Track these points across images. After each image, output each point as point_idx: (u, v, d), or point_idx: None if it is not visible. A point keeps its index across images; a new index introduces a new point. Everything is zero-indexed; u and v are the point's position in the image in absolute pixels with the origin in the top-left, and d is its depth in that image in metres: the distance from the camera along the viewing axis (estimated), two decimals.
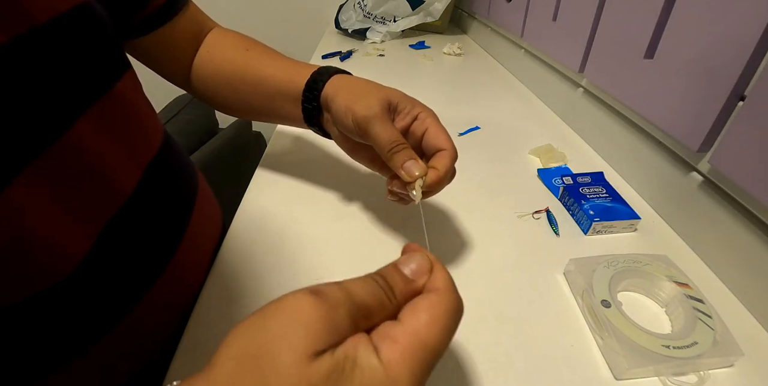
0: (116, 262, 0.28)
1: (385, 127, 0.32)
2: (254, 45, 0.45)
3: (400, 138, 0.32)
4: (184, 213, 0.37)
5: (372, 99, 0.33)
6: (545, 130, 0.64)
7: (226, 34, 0.46)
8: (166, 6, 0.40)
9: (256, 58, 0.43)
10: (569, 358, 0.30)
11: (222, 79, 0.44)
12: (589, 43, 0.56)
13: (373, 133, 0.32)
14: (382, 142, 0.32)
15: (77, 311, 0.26)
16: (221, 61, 0.44)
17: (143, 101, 0.34)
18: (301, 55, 1.28)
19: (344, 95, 0.35)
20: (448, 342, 0.18)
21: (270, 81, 0.41)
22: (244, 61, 0.43)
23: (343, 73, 0.39)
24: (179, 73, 0.45)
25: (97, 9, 0.29)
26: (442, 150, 0.32)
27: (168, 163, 0.36)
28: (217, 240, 0.41)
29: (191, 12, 0.43)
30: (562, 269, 0.37)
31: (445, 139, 0.33)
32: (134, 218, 0.30)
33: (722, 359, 0.29)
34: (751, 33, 0.32)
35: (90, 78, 0.27)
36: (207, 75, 0.44)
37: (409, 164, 0.31)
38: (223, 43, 0.45)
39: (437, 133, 0.33)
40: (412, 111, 0.34)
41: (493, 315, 0.33)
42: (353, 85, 0.36)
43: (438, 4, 1.11)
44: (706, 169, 0.38)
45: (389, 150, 0.31)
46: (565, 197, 0.46)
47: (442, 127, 0.34)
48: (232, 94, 0.44)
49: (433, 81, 0.87)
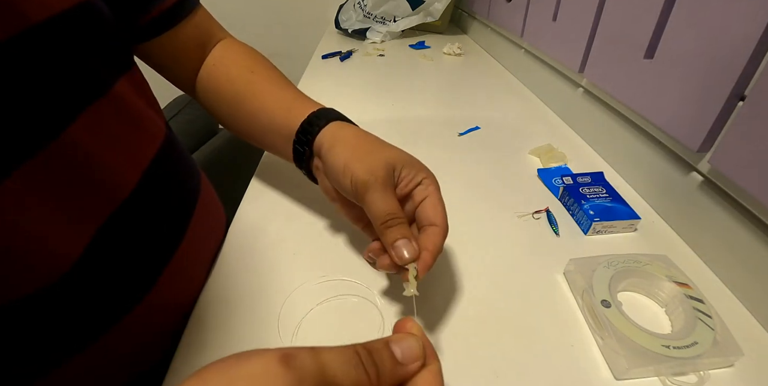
0: (113, 262, 0.28)
1: (384, 197, 0.29)
2: (260, 67, 0.44)
3: (399, 211, 0.29)
4: (185, 214, 0.37)
5: (375, 161, 0.30)
6: (545, 130, 0.64)
7: (235, 49, 0.45)
8: (169, 12, 0.39)
9: (259, 84, 0.42)
10: (569, 358, 0.30)
11: (222, 98, 0.43)
12: (589, 43, 0.56)
13: (370, 200, 0.29)
14: (378, 213, 0.28)
15: (74, 311, 0.26)
16: (225, 79, 0.43)
17: (145, 101, 0.34)
18: (301, 55, 1.28)
19: (343, 150, 0.32)
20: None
21: (267, 113, 0.40)
22: (246, 84, 0.42)
23: (342, 120, 0.36)
24: (184, 79, 0.44)
25: (99, 8, 0.29)
26: (435, 226, 0.29)
27: (169, 163, 0.36)
28: (219, 241, 0.41)
29: (198, 20, 0.43)
30: (562, 269, 0.37)
31: (441, 213, 0.30)
32: (132, 218, 0.29)
33: (722, 359, 0.29)
34: (751, 33, 0.32)
35: (88, 77, 0.27)
36: (209, 89, 0.44)
37: (402, 244, 0.28)
38: (230, 58, 0.44)
39: (435, 206, 0.30)
40: (416, 177, 0.31)
41: (493, 315, 0.33)
42: (354, 139, 0.33)
43: (438, 4, 1.11)
44: (706, 169, 0.38)
45: (383, 222, 0.28)
46: (565, 197, 0.46)
47: (441, 198, 0.31)
48: (230, 115, 0.43)
49: (433, 81, 0.87)
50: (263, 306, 0.34)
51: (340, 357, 0.16)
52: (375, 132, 0.35)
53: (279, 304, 0.34)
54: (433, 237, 0.29)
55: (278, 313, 0.33)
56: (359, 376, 0.16)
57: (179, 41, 0.41)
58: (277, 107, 0.39)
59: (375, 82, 0.85)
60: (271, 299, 0.35)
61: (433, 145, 0.59)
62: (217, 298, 0.35)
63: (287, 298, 0.34)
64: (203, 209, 0.40)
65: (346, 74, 0.90)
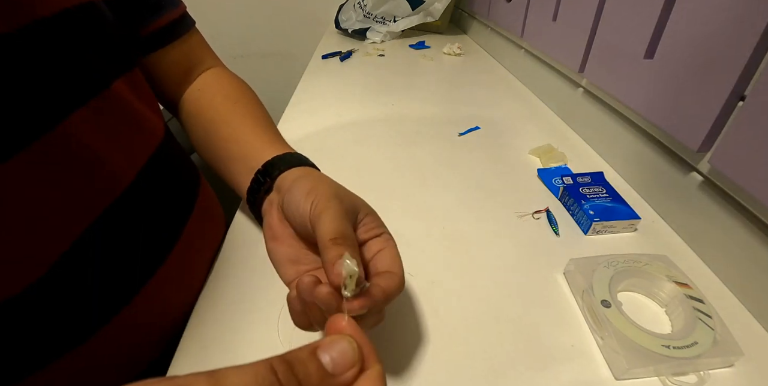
0: (102, 261, 0.28)
1: (342, 222, 0.26)
2: (244, 99, 0.44)
3: (353, 237, 0.26)
4: (182, 215, 0.37)
5: (343, 196, 0.28)
6: (545, 129, 0.64)
7: (224, 79, 0.45)
8: (162, 31, 0.40)
9: (238, 114, 0.41)
10: (569, 358, 0.30)
11: (200, 122, 0.42)
12: (589, 43, 0.56)
13: (326, 219, 0.25)
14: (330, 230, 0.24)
15: (57, 312, 0.26)
16: (207, 105, 0.43)
17: (144, 102, 0.34)
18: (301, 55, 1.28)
19: (312, 181, 0.30)
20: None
21: (241, 142, 0.39)
22: (226, 113, 0.41)
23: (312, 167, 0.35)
24: (166, 98, 0.44)
25: (102, 10, 0.29)
26: (391, 272, 0.26)
27: (166, 162, 0.36)
28: (218, 242, 0.41)
29: (188, 46, 0.43)
30: (562, 269, 0.37)
31: (399, 264, 0.27)
32: (126, 215, 0.30)
33: (722, 359, 0.29)
34: (751, 33, 0.32)
35: (87, 74, 0.27)
36: (191, 113, 0.43)
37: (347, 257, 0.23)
38: (216, 87, 0.44)
39: (394, 257, 0.27)
40: (377, 228, 0.28)
41: (493, 315, 0.33)
42: (326, 179, 0.32)
43: (438, 4, 1.11)
44: (706, 169, 0.38)
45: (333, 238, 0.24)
46: (565, 197, 0.46)
47: (399, 255, 0.28)
48: (205, 139, 0.42)
49: (433, 81, 0.87)
50: (263, 307, 0.34)
51: (246, 379, 0.14)
52: (375, 132, 0.35)
53: (278, 305, 0.34)
54: (389, 280, 0.25)
55: (278, 314, 0.33)
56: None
57: (168, 61, 0.41)
58: (254, 139, 0.38)
59: (375, 82, 0.85)
60: (271, 300, 0.35)
61: (433, 145, 0.59)
62: (217, 298, 0.35)
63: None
64: (201, 210, 0.40)
65: (346, 74, 0.90)
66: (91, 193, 0.27)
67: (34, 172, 0.23)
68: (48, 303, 0.25)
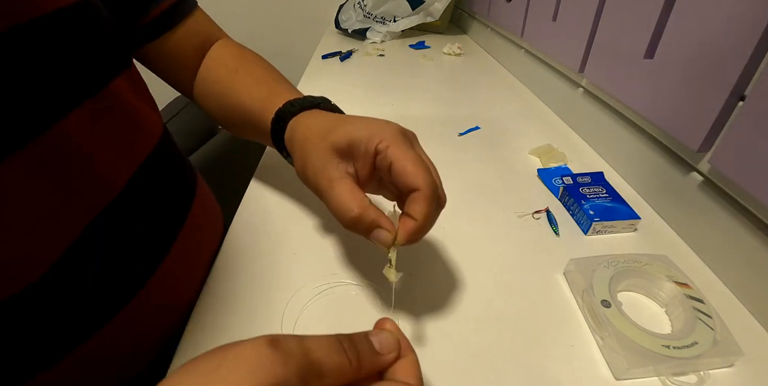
0: (100, 261, 0.28)
1: (337, 196, 0.27)
2: (245, 64, 0.44)
3: (355, 203, 0.26)
4: (179, 215, 0.37)
5: (318, 154, 0.28)
6: (545, 130, 0.64)
7: (226, 51, 0.45)
8: (166, 14, 0.39)
9: (241, 82, 0.42)
10: (569, 358, 0.30)
11: (212, 99, 0.43)
12: (589, 43, 0.56)
13: (327, 202, 0.28)
14: (337, 216, 0.27)
15: (55, 313, 0.26)
16: (213, 80, 0.43)
17: (142, 101, 0.34)
18: (301, 55, 1.28)
19: (298, 150, 0.31)
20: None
21: (245, 110, 0.40)
22: (230, 84, 0.42)
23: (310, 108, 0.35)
24: (183, 82, 0.44)
25: (98, 8, 0.29)
26: (416, 190, 0.26)
27: (164, 162, 0.36)
28: (217, 242, 0.41)
29: (195, 22, 0.43)
30: (562, 269, 0.37)
31: (414, 173, 0.26)
32: (122, 216, 0.29)
33: (722, 359, 0.29)
34: (751, 33, 0.32)
35: (84, 74, 0.27)
36: (201, 93, 0.44)
37: (374, 235, 0.26)
38: (220, 61, 0.44)
39: (404, 167, 0.26)
40: (368, 146, 0.27)
41: (493, 315, 0.33)
42: (306, 132, 0.32)
43: (438, 4, 1.11)
44: (706, 169, 0.38)
45: (345, 224, 0.27)
46: (565, 197, 0.46)
47: (409, 154, 0.27)
48: (222, 115, 0.44)
49: (433, 81, 0.87)
50: (263, 307, 0.34)
51: (324, 343, 0.18)
52: None
53: (278, 305, 0.34)
54: (417, 204, 0.26)
55: (282, 313, 0.33)
56: (342, 361, 0.18)
57: (177, 44, 0.41)
58: (254, 104, 0.39)
59: (375, 82, 0.85)
60: (272, 300, 0.34)
61: (433, 145, 0.59)
62: (217, 298, 0.35)
63: (290, 299, 0.34)
64: (198, 212, 0.39)
65: (346, 74, 0.90)
66: (89, 192, 0.27)
67: (30, 172, 0.23)
68: (48, 303, 0.25)
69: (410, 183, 0.26)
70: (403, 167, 0.26)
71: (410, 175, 0.26)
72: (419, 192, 0.26)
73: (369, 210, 0.26)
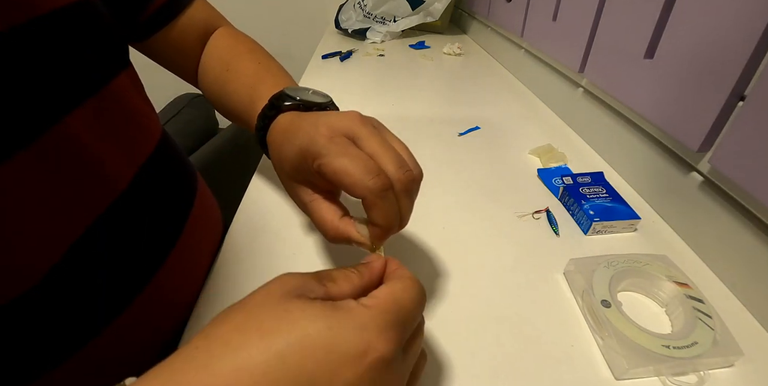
0: (103, 261, 0.28)
1: (313, 219, 0.29)
2: (236, 60, 0.44)
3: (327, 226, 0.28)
4: (180, 216, 0.37)
5: (284, 181, 0.31)
6: (545, 130, 0.64)
7: (220, 42, 0.46)
8: (167, 5, 0.40)
9: (231, 84, 0.42)
10: (569, 358, 0.30)
11: (212, 99, 0.45)
12: (589, 43, 0.56)
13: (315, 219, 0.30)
14: (321, 231, 0.29)
15: (59, 313, 0.26)
16: (209, 82, 0.44)
17: (141, 100, 0.34)
18: (301, 55, 1.28)
19: (275, 160, 0.32)
20: (416, 310, 0.21)
21: (239, 117, 0.41)
22: (223, 86, 0.43)
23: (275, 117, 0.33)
24: (191, 72, 0.45)
25: (98, 7, 0.29)
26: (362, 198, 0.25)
27: (164, 163, 0.36)
28: (217, 243, 0.41)
29: (195, 12, 0.43)
30: (562, 269, 0.37)
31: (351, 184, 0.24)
32: (125, 216, 0.29)
33: (722, 359, 0.29)
34: (751, 33, 0.32)
35: (85, 73, 0.27)
36: (203, 90, 0.46)
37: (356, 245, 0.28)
38: (214, 54, 0.45)
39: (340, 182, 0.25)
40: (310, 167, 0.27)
41: (493, 315, 0.33)
42: (273, 154, 0.32)
43: (438, 4, 1.11)
44: (706, 169, 0.38)
45: (326, 237, 0.29)
46: (565, 197, 0.46)
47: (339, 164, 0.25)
48: (224, 115, 0.46)
49: (433, 81, 0.87)
50: None
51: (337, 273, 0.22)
52: None
53: None
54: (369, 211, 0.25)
55: None
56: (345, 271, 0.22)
57: (180, 34, 0.42)
58: (240, 105, 0.40)
59: (375, 82, 0.85)
60: None
61: (433, 145, 0.59)
62: (216, 298, 0.35)
63: None
64: (199, 211, 0.39)
65: (346, 74, 0.90)
66: (93, 191, 0.27)
67: (34, 172, 0.23)
68: (54, 302, 0.25)
69: (353, 194, 0.25)
70: (339, 182, 0.25)
71: (348, 187, 0.25)
72: (365, 200, 0.25)
73: (340, 229, 0.28)
